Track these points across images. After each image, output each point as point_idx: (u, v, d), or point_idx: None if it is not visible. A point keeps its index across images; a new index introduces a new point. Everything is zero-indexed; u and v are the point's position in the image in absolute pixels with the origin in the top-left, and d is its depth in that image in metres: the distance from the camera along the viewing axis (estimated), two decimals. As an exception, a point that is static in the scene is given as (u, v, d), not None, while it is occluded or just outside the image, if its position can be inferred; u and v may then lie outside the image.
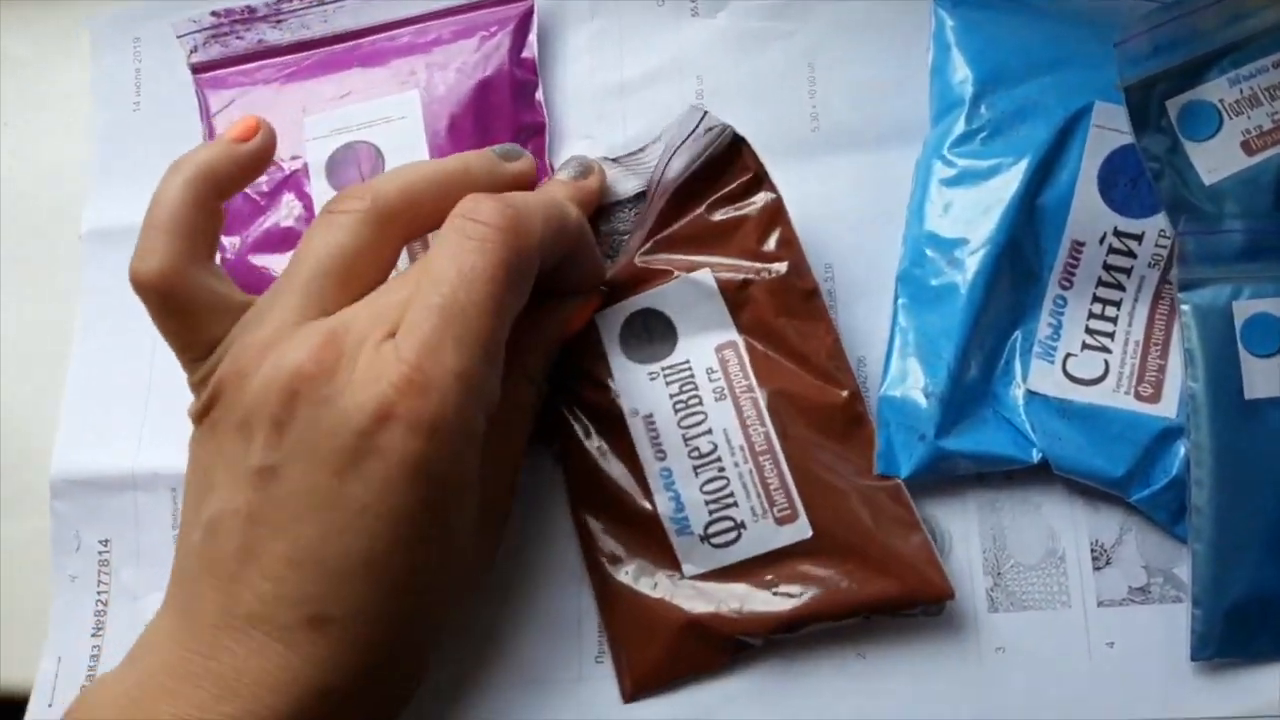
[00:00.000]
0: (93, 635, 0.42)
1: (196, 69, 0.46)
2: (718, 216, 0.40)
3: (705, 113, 0.40)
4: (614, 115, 0.45)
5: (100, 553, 0.43)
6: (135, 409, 0.44)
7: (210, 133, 0.45)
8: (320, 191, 0.43)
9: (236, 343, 0.33)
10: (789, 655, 0.38)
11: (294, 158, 0.44)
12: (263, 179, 0.44)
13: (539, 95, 0.44)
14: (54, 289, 0.47)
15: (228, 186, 0.35)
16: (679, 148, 0.40)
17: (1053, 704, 0.37)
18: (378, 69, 0.45)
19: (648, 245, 0.41)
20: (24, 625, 0.43)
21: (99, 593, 0.42)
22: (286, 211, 0.44)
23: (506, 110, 0.44)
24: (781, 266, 0.39)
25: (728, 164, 0.40)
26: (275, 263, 0.43)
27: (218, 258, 0.44)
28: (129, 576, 0.42)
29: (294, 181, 0.44)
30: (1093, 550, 0.38)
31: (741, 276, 0.39)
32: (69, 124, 0.49)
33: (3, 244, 0.48)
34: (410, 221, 0.34)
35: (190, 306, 0.33)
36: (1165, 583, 0.37)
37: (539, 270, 0.34)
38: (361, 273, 0.33)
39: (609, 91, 0.45)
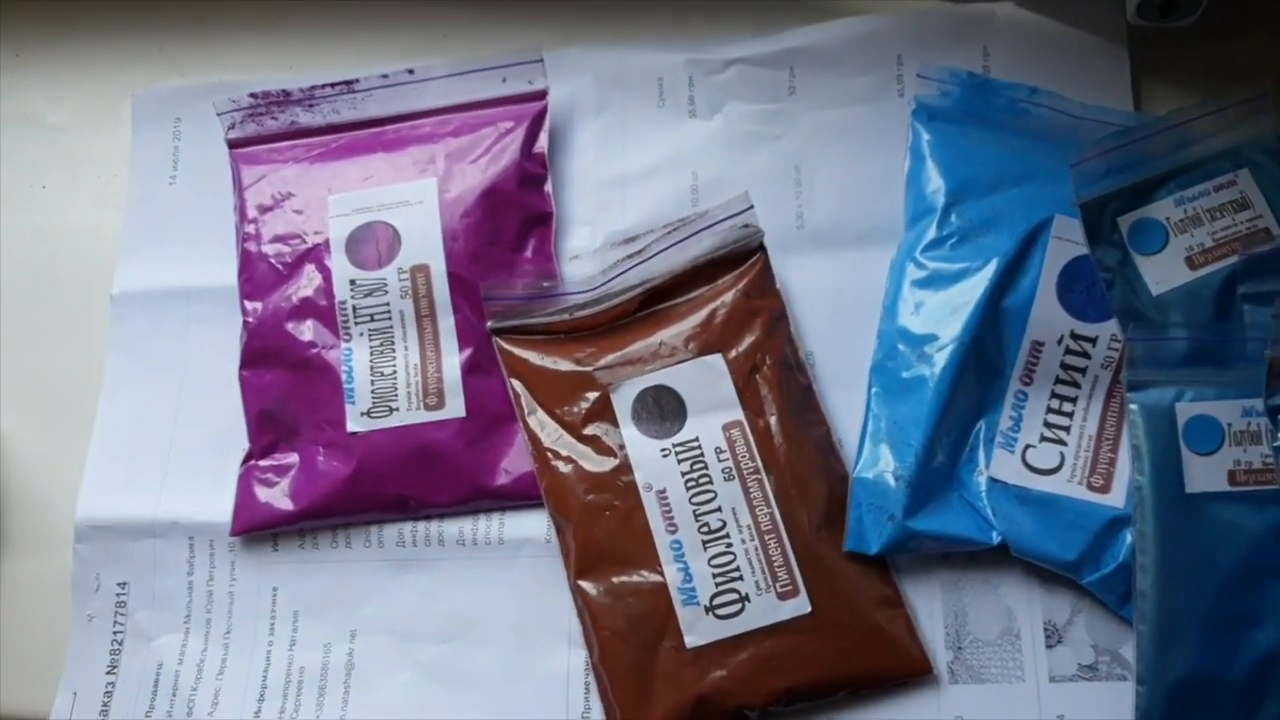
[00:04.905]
0: (107, 673, 0.44)
1: (233, 144, 0.50)
2: (731, 305, 0.44)
3: (752, 207, 0.45)
4: (615, 204, 0.49)
5: (118, 595, 0.45)
6: (157, 461, 0.47)
7: (242, 204, 0.49)
8: (339, 265, 0.47)
9: None
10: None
11: (316, 232, 0.47)
12: (285, 249, 0.47)
13: (547, 187, 0.48)
14: (84, 345, 0.50)
15: None
16: (715, 224, 0.45)
17: (1007, 772, 0.39)
18: (399, 155, 0.48)
19: (649, 301, 0.44)
20: (42, 660, 0.45)
21: (115, 633, 0.45)
22: (307, 281, 0.47)
23: (516, 199, 0.47)
24: (784, 360, 0.43)
25: (748, 264, 0.45)
26: (304, 330, 0.46)
27: (239, 320, 0.47)
28: (144, 619, 0.45)
29: (315, 254, 0.47)
30: (1046, 629, 0.41)
31: (750, 364, 0.43)
32: (103, 189, 0.53)
33: (36, 300, 0.51)
34: None
35: None
36: (1112, 662, 0.40)
37: None
38: None
39: (611, 182, 0.49)
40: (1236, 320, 0.41)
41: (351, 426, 0.44)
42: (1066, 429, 0.42)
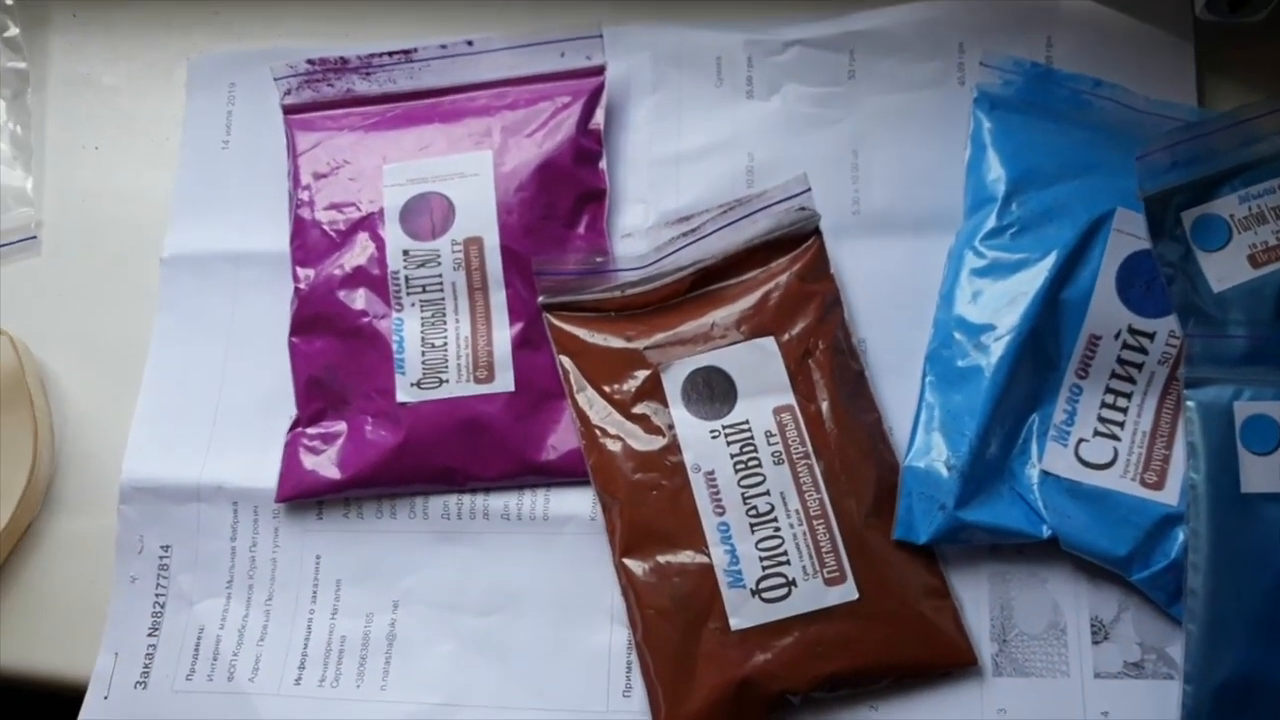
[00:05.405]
0: (149, 635, 0.44)
1: (288, 110, 0.50)
2: (785, 288, 0.44)
3: (809, 189, 0.44)
4: (668, 183, 0.49)
5: (161, 558, 0.45)
6: (203, 425, 0.47)
7: (296, 170, 0.49)
8: (393, 235, 0.47)
9: None
10: (811, 706, 0.40)
11: (371, 201, 0.47)
12: (339, 217, 0.47)
13: (602, 164, 0.48)
14: (132, 306, 0.50)
15: None
16: (771, 205, 0.44)
17: (1049, 766, 0.39)
18: (455, 126, 0.48)
19: (702, 281, 0.44)
20: (84, 621, 0.45)
21: (157, 595, 0.45)
22: (360, 250, 0.47)
23: (570, 175, 0.47)
24: (837, 346, 0.43)
25: (803, 247, 0.44)
26: (356, 298, 0.46)
27: (288, 286, 0.47)
28: (186, 582, 0.45)
29: (369, 223, 0.47)
30: (1092, 625, 0.40)
31: (803, 348, 0.42)
32: (155, 152, 0.53)
33: (85, 260, 0.51)
34: None
35: None
36: (1158, 660, 0.40)
37: None
38: None
39: (666, 161, 0.49)
40: (1299, 321, 0.41)
41: (401, 397, 0.45)
42: (1121, 424, 0.41)
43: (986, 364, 0.41)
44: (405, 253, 0.46)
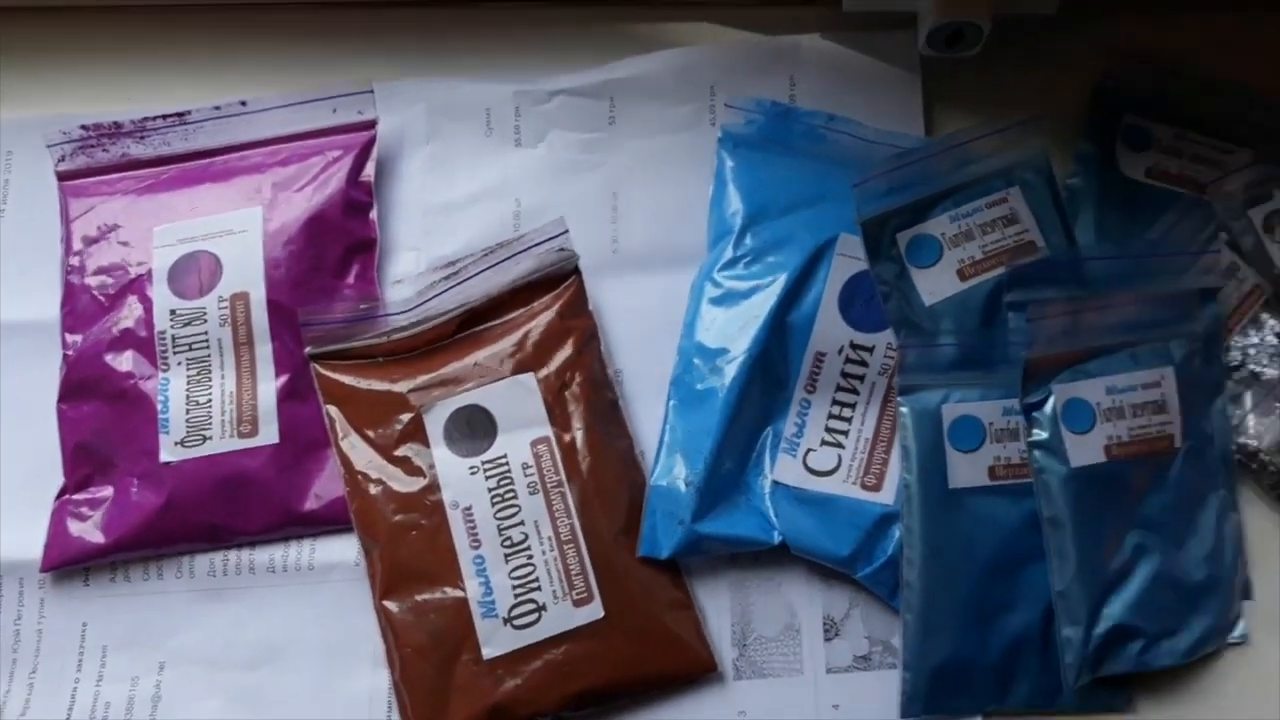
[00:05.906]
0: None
1: (62, 176, 0.50)
2: (546, 325, 0.46)
3: (567, 232, 0.46)
4: (440, 231, 0.51)
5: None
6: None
7: (69, 236, 0.49)
8: (161, 295, 0.47)
9: None
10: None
11: (140, 263, 0.48)
12: (109, 281, 0.48)
13: (373, 214, 0.50)
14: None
15: None
16: (531, 247, 0.46)
17: (788, 761, 0.41)
18: (227, 185, 0.50)
19: (468, 323, 0.46)
20: None
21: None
22: (128, 312, 0.47)
23: (340, 226, 0.49)
24: (593, 377, 0.45)
25: (563, 286, 0.47)
26: (123, 361, 0.47)
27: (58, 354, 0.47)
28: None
29: (138, 285, 0.48)
30: (825, 624, 0.43)
31: (560, 382, 0.44)
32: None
33: None
34: None
35: None
36: (884, 651, 0.42)
37: None
38: None
39: (438, 209, 0.51)
40: (1001, 326, 0.44)
41: (165, 456, 0.45)
42: (845, 433, 0.44)
43: (720, 385, 0.44)
44: (172, 312, 0.47)
